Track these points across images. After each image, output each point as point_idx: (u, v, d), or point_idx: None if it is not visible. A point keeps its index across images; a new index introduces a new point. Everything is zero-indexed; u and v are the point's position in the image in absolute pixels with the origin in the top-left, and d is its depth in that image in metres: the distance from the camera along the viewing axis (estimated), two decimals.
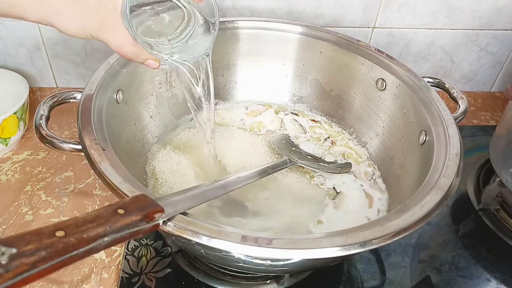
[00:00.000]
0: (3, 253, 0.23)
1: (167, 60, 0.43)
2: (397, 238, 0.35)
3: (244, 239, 0.32)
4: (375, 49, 0.59)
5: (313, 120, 0.66)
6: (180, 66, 0.45)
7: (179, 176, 0.54)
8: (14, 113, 0.61)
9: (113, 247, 0.53)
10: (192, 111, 0.49)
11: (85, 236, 0.27)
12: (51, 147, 0.42)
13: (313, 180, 0.56)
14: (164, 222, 0.33)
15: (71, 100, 0.47)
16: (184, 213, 0.34)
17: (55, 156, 0.64)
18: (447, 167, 0.42)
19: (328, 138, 0.63)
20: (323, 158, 0.59)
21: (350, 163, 0.58)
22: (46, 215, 0.56)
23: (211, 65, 0.47)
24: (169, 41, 0.43)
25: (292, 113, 0.67)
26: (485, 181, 0.65)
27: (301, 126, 0.65)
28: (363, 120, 0.62)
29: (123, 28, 0.39)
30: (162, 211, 0.32)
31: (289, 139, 0.61)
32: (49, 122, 0.44)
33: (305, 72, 0.66)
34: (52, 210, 0.57)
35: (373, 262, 0.53)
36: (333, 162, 0.59)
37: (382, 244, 0.34)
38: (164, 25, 0.42)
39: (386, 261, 0.53)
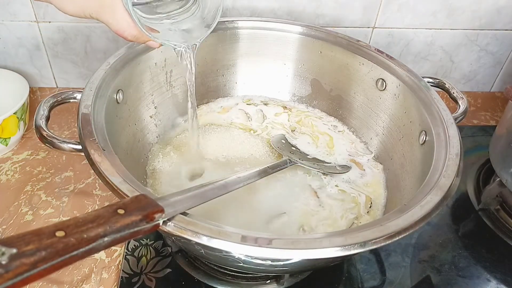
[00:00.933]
0: (3, 253, 0.23)
1: (164, 43, 0.44)
2: (397, 238, 0.35)
3: (244, 239, 0.32)
4: (375, 49, 0.59)
5: (284, 107, 0.66)
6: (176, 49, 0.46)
7: (179, 177, 0.54)
8: (14, 113, 0.61)
9: (113, 247, 0.53)
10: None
11: (85, 236, 0.27)
12: (51, 147, 0.42)
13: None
14: (164, 222, 0.33)
15: (71, 100, 0.47)
16: (184, 213, 0.34)
17: (55, 156, 0.64)
18: (447, 167, 0.42)
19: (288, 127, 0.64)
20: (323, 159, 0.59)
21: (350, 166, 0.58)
22: (46, 215, 0.56)
23: (194, 58, 0.47)
24: (167, 15, 0.43)
25: (263, 102, 0.67)
26: (485, 181, 0.65)
27: (264, 116, 0.65)
28: (363, 120, 0.62)
29: (123, 11, 0.38)
30: (162, 211, 0.32)
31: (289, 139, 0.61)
32: (49, 122, 0.44)
33: (305, 72, 0.66)
34: (52, 210, 0.57)
35: (373, 262, 0.53)
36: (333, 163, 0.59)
37: (382, 244, 0.34)
38: (164, 7, 0.43)
39: (386, 261, 0.53)
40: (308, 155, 0.59)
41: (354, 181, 0.56)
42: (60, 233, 0.26)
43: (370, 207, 0.53)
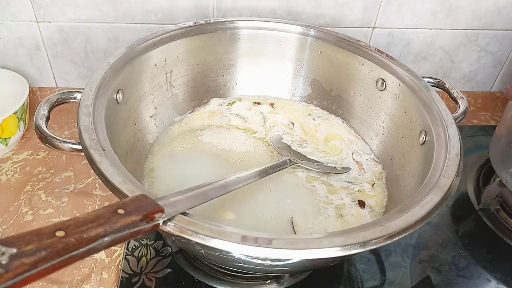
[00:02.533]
0: (3, 253, 0.23)
1: None
2: (397, 238, 0.35)
3: (244, 239, 0.32)
4: (375, 49, 0.59)
5: (271, 104, 0.66)
6: None
7: (178, 176, 0.54)
8: (14, 113, 0.61)
9: (113, 247, 0.53)
10: None
11: (85, 236, 0.27)
12: (51, 147, 0.42)
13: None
14: (164, 222, 0.33)
15: (71, 100, 0.47)
16: (184, 213, 0.34)
17: (55, 156, 0.64)
18: (447, 167, 0.42)
19: (292, 123, 0.64)
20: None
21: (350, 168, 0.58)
22: (46, 215, 0.56)
23: None
24: None
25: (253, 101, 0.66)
26: (485, 181, 0.65)
27: (263, 116, 0.64)
28: (363, 120, 0.62)
29: None
30: (162, 211, 0.32)
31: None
32: (49, 122, 0.44)
33: (305, 72, 0.66)
34: (52, 210, 0.57)
35: (373, 262, 0.53)
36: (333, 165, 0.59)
37: (382, 244, 0.34)
38: None
39: (386, 261, 0.53)
40: (307, 155, 0.59)
41: (355, 180, 0.56)
42: (60, 233, 0.26)
43: (373, 186, 0.55)
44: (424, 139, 0.49)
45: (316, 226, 0.49)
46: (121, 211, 0.30)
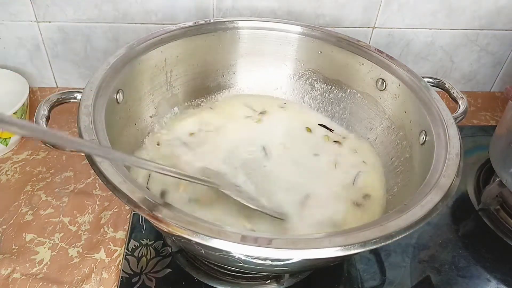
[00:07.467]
0: None
1: None
2: (397, 238, 0.35)
3: (244, 239, 0.32)
4: (375, 49, 0.59)
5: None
6: None
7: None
8: (14, 113, 0.61)
9: (113, 247, 0.53)
10: None
11: None
12: (51, 147, 0.42)
13: None
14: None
15: (71, 100, 0.47)
16: (185, 213, 0.34)
17: (55, 156, 0.65)
18: (447, 167, 0.42)
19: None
20: None
21: None
22: (46, 215, 0.56)
23: None
24: None
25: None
26: (485, 181, 0.65)
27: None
28: (363, 120, 0.62)
29: None
30: None
31: None
32: (49, 122, 0.44)
33: (305, 72, 0.66)
34: (52, 210, 0.57)
35: (373, 262, 0.53)
36: None
37: (382, 244, 0.34)
38: None
39: (386, 261, 0.54)
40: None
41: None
42: None
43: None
44: (424, 139, 0.49)
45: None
46: None
